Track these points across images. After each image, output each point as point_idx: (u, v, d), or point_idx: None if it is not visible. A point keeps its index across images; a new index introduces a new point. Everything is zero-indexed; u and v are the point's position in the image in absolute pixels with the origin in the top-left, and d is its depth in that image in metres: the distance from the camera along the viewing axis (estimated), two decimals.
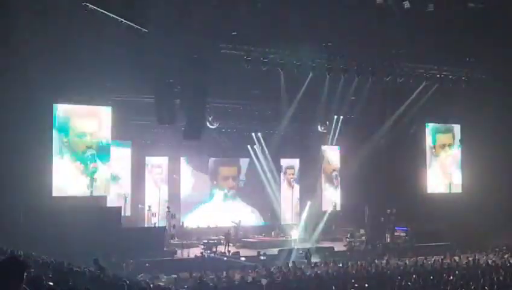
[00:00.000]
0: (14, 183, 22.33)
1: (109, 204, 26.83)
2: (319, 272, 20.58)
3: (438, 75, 29.66)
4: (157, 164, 30.40)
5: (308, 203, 31.70)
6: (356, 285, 18.05)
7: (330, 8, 23.92)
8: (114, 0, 22.14)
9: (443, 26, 25.41)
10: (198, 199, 31.44)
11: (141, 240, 24.60)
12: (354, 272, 20.89)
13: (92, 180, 25.10)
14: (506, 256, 24.86)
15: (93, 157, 25.30)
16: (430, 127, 32.93)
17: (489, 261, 23.19)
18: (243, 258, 25.00)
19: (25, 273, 5.07)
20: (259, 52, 25.98)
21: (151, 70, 25.12)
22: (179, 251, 25.97)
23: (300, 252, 25.64)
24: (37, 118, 23.56)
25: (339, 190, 33.49)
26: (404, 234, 29.73)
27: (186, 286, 18.65)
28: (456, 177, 33.37)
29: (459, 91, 30.09)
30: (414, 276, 19.50)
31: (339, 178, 33.54)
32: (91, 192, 25.17)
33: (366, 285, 18.17)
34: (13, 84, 22.48)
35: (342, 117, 31.61)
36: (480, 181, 31.51)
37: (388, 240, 29.65)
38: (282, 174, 33.19)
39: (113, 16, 22.03)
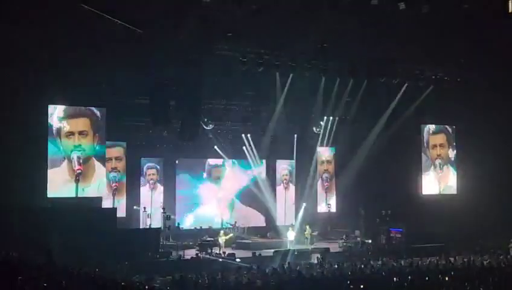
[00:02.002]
0: (8, 183, 22.26)
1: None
2: (314, 273, 20.56)
3: (433, 77, 29.72)
4: (152, 165, 30.34)
5: (304, 204, 31.69)
6: (351, 286, 18.02)
7: (325, 9, 23.91)
8: (109, 1, 22.10)
9: (438, 27, 25.44)
10: (194, 201, 31.40)
11: (136, 242, 24.54)
12: (349, 273, 20.87)
13: (77, 183, 24.97)
14: (501, 257, 24.87)
15: (79, 161, 25.18)
16: (425, 128, 32.97)
17: (485, 263, 23.19)
18: (238, 259, 24.94)
19: (19, 278, 5.04)
20: (254, 54, 25.97)
21: (146, 71, 25.09)
22: (174, 252, 25.93)
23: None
24: (32, 118, 23.50)
25: (331, 193, 33.55)
26: (400, 235, 29.73)
27: None
28: (450, 179, 33.43)
29: (454, 92, 30.16)
30: (409, 277, 19.50)
31: (328, 181, 33.55)
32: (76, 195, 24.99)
33: (362, 286, 18.15)
34: (8, 85, 22.43)
35: (337, 118, 31.61)
36: (474, 182, 31.61)
37: (383, 241, 29.64)
38: (277, 176, 33.18)
39: (108, 16, 22.00)
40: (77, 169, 25.06)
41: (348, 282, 18.54)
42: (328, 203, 32.99)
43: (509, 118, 30.72)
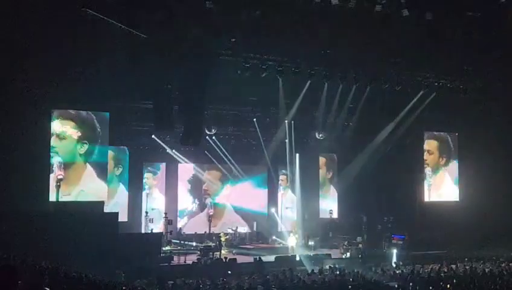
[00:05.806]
0: (10, 188, 22.27)
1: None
2: (315, 279, 20.55)
3: (436, 84, 29.69)
4: (154, 170, 30.36)
5: (306, 210, 31.68)
6: None
7: (328, 15, 23.94)
8: (113, 5, 22.15)
9: (441, 35, 25.44)
10: (195, 206, 31.41)
11: (138, 246, 24.54)
12: (350, 279, 20.85)
13: (57, 188, 24.62)
14: (503, 265, 24.81)
15: (60, 165, 24.98)
16: (427, 135, 32.92)
17: (486, 270, 23.15)
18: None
19: (19, 282, 5.03)
20: (257, 59, 26.00)
21: (149, 76, 25.12)
22: (175, 257, 25.94)
23: None
24: (35, 123, 23.53)
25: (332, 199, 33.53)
26: (401, 242, 29.69)
27: None
28: (453, 186, 33.38)
29: (457, 100, 30.13)
30: (411, 284, 19.48)
31: (329, 187, 33.54)
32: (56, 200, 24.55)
33: None
34: (11, 90, 22.47)
35: (339, 124, 31.60)
36: (477, 189, 31.54)
37: (385, 248, 29.60)
38: (280, 181, 33.17)
39: (112, 21, 22.04)
40: (58, 174, 24.86)
41: (350, 288, 18.53)
42: (330, 210, 32.95)
43: None
